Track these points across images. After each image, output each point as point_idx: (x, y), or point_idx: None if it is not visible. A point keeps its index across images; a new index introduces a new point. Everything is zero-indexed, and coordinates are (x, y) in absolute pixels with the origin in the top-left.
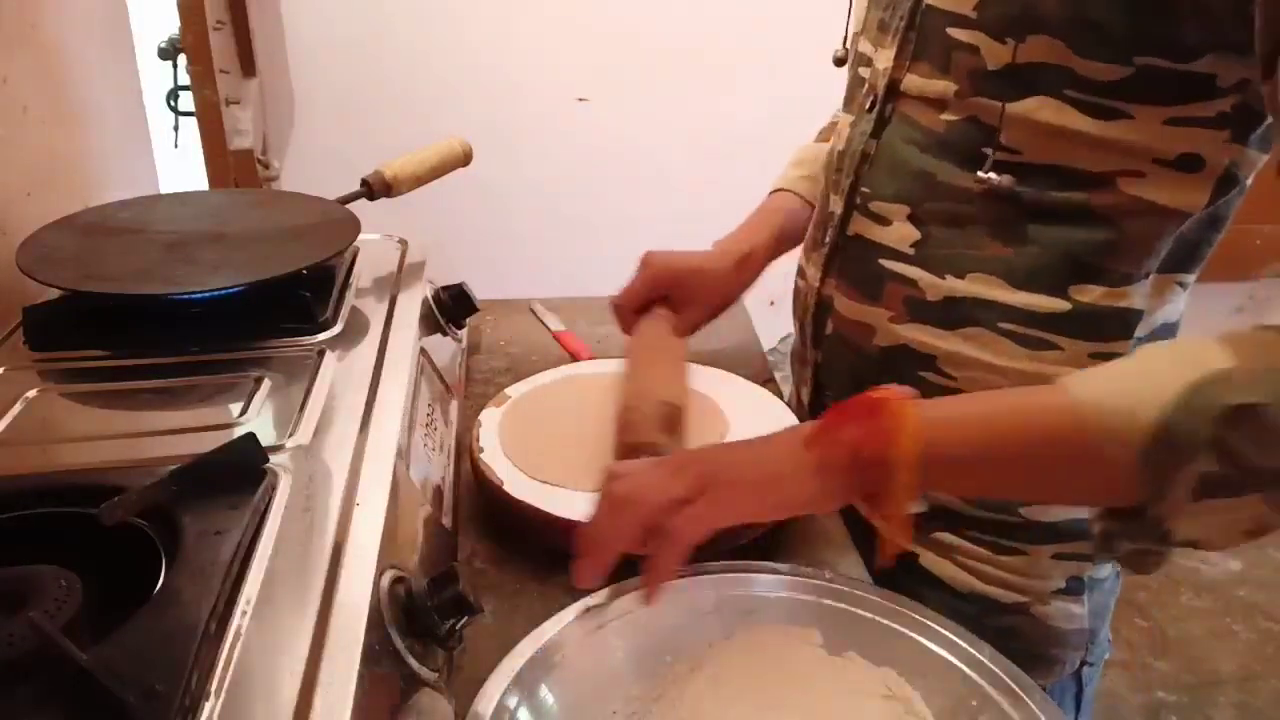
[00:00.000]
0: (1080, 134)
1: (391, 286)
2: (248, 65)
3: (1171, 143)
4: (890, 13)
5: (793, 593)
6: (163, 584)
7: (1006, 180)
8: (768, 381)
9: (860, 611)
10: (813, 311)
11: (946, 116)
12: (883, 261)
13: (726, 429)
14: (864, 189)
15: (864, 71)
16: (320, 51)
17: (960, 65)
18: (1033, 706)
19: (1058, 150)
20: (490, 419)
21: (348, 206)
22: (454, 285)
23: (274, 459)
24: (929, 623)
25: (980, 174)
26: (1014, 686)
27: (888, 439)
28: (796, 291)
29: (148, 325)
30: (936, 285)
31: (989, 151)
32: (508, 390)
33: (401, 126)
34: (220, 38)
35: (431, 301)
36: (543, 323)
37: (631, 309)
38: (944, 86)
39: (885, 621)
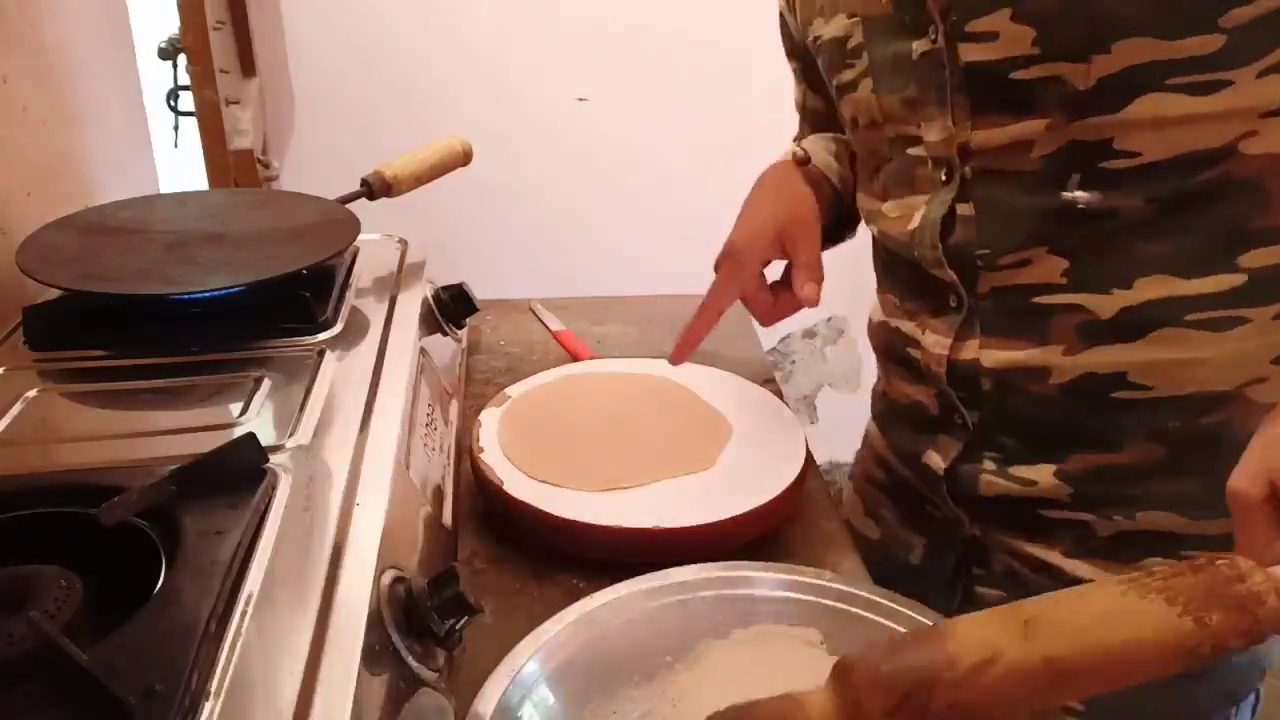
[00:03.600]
0: (1192, 116)
1: (391, 286)
2: (248, 65)
3: (1271, 94)
4: (919, 88)
5: (793, 593)
6: (163, 584)
7: (1095, 196)
8: (768, 381)
9: (860, 611)
10: (948, 378)
11: (1039, 153)
12: (1038, 300)
13: (729, 431)
14: (981, 251)
15: (915, 151)
16: (320, 51)
17: (1046, 99)
18: None
19: (1177, 139)
20: (490, 419)
21: (348, 206)
22: (454, 285)
23: (274, 459)
24: (929, 623)
25: (1068, 195)
26: None
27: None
28: (909, 361)
29: (148, 325)
30: (1107, 302)
31: (1109, 165)
32: (508, 390)
33: (401, 126)
34: (220, 38)
35: (431, 301)
36: (543, 323)
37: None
38: (1024, 128)
39: (885, 621)
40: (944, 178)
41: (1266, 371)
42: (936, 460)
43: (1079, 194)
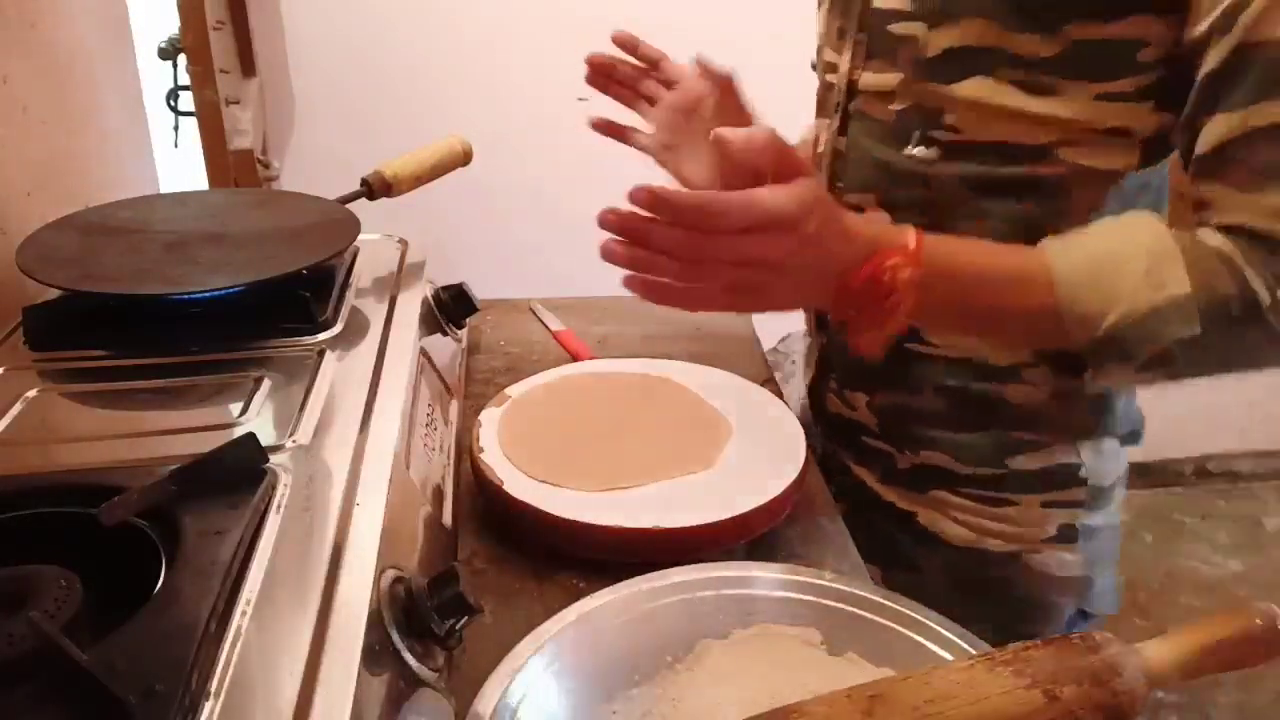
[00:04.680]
0: (1017, 111)
1: (391, 286)
2: (248, 65)
3: (1101, 116)
4: (845, 20)
5: (793, 593)
6: (163, 584)
7: (933, 153)
8: (767, 381)
9: (860, 611)
10: None
11: (894, 106)
12: None
13: (729, 431)
14: (839, 184)
15: (831, 77)
16: (320, 51)
17: (903, 56)
18: None
19: (998, 128)
20: (490, 419)
21: (348, 206)
22: (454, 285)
23: (274, 459)
24: (929, 623)
25: (909, 151)
26: None
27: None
28: None
29: (148, 325)
30: None
31: (936, 134)
32: (508, 390)
33: (401, 126)
34: (220, 38)
35: (431, 301)
36: (543, 323)
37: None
38: (889, 79)
39: (885, 621)
40: (835, 108)
41: (1041, 358)
42: (811, 377)
43: (919, 150)
